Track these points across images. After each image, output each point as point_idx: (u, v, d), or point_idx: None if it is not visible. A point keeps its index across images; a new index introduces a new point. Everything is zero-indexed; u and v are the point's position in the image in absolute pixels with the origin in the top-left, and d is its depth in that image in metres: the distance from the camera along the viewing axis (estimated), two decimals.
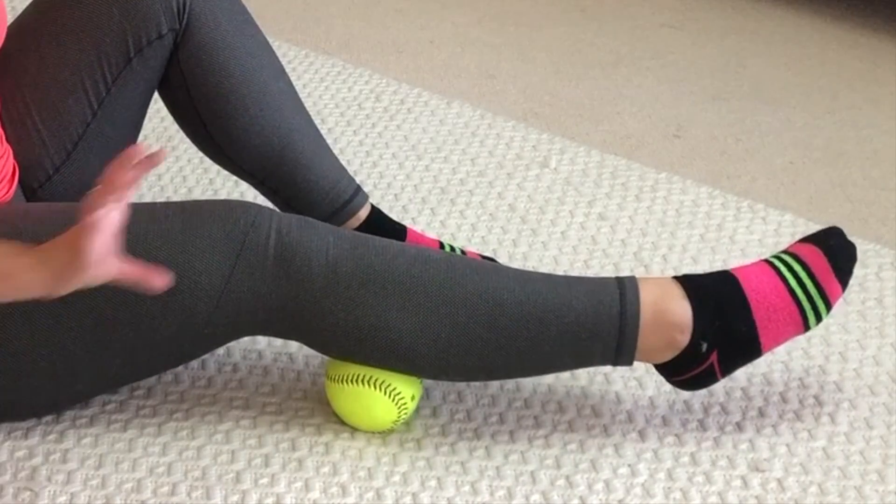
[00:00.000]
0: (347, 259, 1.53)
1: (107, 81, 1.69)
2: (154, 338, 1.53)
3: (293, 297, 1.52)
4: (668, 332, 1.56)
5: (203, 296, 1.50)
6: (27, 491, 1.53)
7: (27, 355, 1.53)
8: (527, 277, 1.56)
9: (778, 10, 3.01)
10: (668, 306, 1.56)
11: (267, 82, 1.75)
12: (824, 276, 1.60)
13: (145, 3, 1.68)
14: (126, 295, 1.49)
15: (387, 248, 1.55)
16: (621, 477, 1.57)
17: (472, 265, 1.56)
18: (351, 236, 1.55)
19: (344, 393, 1.60)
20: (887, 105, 2.56)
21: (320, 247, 1.52)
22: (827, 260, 1.60)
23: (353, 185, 1.83)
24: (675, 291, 1.57)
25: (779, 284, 1.58)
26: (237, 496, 1.53)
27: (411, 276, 1.53)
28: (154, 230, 1.50)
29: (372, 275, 1.53)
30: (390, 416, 1.60)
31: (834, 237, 1.64)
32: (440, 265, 1.55)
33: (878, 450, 1.63)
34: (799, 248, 1.64)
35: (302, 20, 2.88)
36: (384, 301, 1.53)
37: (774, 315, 1.58)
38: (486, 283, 1.54)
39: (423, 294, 1.53)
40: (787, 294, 1.58)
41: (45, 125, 1.68)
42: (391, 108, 2.46)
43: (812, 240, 1.64)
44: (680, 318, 1.56)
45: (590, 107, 2.53)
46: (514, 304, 1.54)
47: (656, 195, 2.20)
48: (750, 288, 1.58)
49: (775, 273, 1.59)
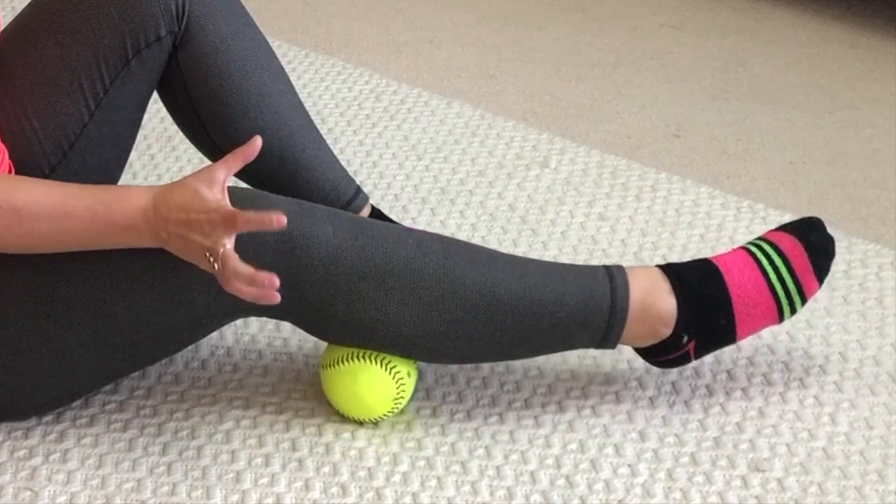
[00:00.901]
0: (348, 250, 1.54)
1: (104, 83, 1.69)
2: (154, 330, 1.54)
3: (293, 286, 1.52)
4: (652, 325, 1.63)
5: (203, 287, 1.51)
6: (27, 491, 1.53)
7: (28, 353, 1.53)
8: (523, 270, 1.59)
9: (778, 10, 3.01)
10: (654, 300, 1.62)
11: (267, 84, 1.75)
12: (803, 271, 1.66)
13: (144, 5, 1.68)
14: (125, 290, 1.50)
15: (386, 238, 1.56)
16: (621, 477, 1.57)
17: (469, 256, 1.58)
18: (350, 225, 1.56)
19: (340, 374, 1.60)
20: (887, 105, 2.56)
21: (320, 237, 1.53)
22: (807, 256, 1.66)
23: (353, 186, 1.83)
24: (662, 285, 1.63)
25: (759, 278, 1.65)
26: (237, 496, 1.53)
27: (411, 269, 1.55)
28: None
29: (372, 268, 1.54)
30: (389, 393, 1.60)
31: (814, 231, 1.69)
32: (439, 258, 1.57)
33: (878, 450, 1.63)
34: (780, 239, 1.68)
35: (302, 20, 2.88)
36: (384, 295, 1.55)
37: (753, 309, 1.65)
38: (484, 277, 1.57)
39: (422, 288, 1.56)
40: (766, 288, 1.65)
41: (40, 125, 1.68)
42: (391, 108, 2.47)
43: (793, 230, 1.69)
44: (665, 313, 1.63)
45: (590, 107, 2.53)
46: (510, 300, 1.58)
47: (656, 195, 2.20)
48: (732, 282, 1.64)
49: (756, 265, 1.65)
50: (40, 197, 1.46)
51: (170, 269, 1.50)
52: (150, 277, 1.51)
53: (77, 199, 1.46)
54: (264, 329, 1.81)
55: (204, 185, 1.44)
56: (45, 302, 1.52)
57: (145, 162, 2.24)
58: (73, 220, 1.46)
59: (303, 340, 1.79)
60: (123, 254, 1.50)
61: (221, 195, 1.44)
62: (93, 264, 1.51)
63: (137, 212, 1.45)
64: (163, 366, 1.73)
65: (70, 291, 1.52)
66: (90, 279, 1.52)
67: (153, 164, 2.24)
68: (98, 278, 1.52)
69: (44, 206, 1.45)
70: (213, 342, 1.78)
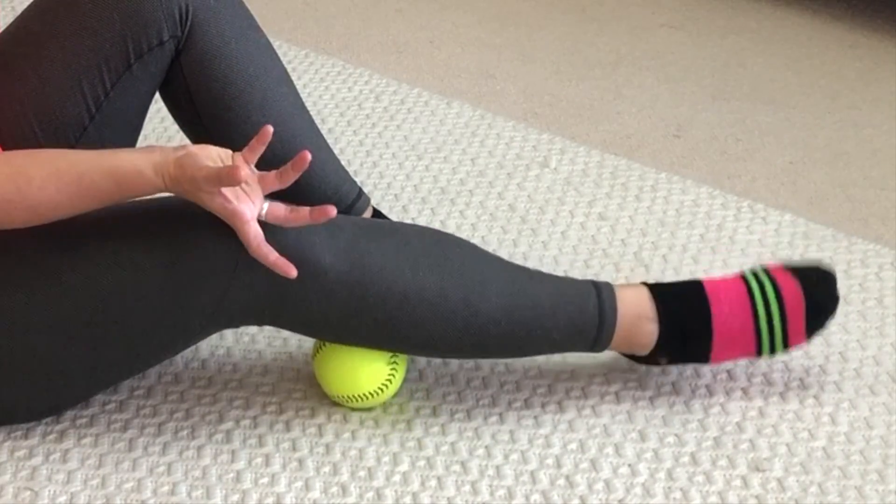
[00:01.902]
0: (342, 286, 1.54)
1: (105, 86, 1.69)
2: (151, 339, 1.53)
3: (284, 308, 1.53)
4: (631, 347, 1.68)
5: (204, 294, 1.51)
6: (27, 491, 1.53)
7: (26, 356, 1.53)
8: (513, 305, 1.60)
9: (778, 10, 3.01)
10: (639, 329, 1.65)
11: (270, 88, 1.75)
12: (794, 322, 1.66)
13: (146, 9, 1.68)
14: (119, 300, 1.50)
15: (384, 267, 1.56)
16: (621, 477, 1.57)
17: (460, 280, 1.59)
18: (348, 250, 1.54)
19: (331, 354, 1.61)
20: (887, 105, 2.56)
21: (317, 268, 1.53)
22: (804, 309, 1.66)
23: (355, 189, 1.83)
24: (647, 313, 1.65)
25: (747, 314, 1.65)
26: (237, 496, 1.53)
27: (403, 310, 1.56)
28: (154, 230, 1.51)
29: (364, 307, 1.55)
30: (382, 371, 1.61)
31: (822, 286, 1.67)
32: (433, 297, 1.57)
33: (878, 450, 1.63)
34: (784, 282, 1.66)
35: (302, 20, 2.88)
36: (375, 330, 1.57)
37: (732, 343, 1.66)
38: (475, 319, 1.59)
39: (413, 327, 1.58)
40: (751, 328, 1.65)
41: (40, 127, 1.67)
42: (391, 108, 2.47)
43: (801, 277, 1.67)
44: (647, 340, 1.66)
45: (590, 107, 2.53)
46: (498, 336, 1.60)
47: (656, 195, 2.20)
48: (718, 310, 1.65)
49: (749, 302, 1.65)
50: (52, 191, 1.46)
51: (169, 272, 1.50)
52: (149, 281, 1.50)
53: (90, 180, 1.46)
54: (264, 329, 1.81)
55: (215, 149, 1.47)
56: (43, 302, 1.52)
57: None
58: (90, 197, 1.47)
59: (303, 340, 1.79)
60: (121, 251, 1.50)
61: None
62: (89, 262, 1.51)
63: (152, 189, 1.46)
64: (163, 366, 1.73)
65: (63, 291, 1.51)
66: (88, 281, 1.51)
67: None
68: (94, 277, 1.51)
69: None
70: (213, 342, 1.78)
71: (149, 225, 1.52)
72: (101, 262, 1.50)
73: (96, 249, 1.51)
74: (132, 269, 1.50)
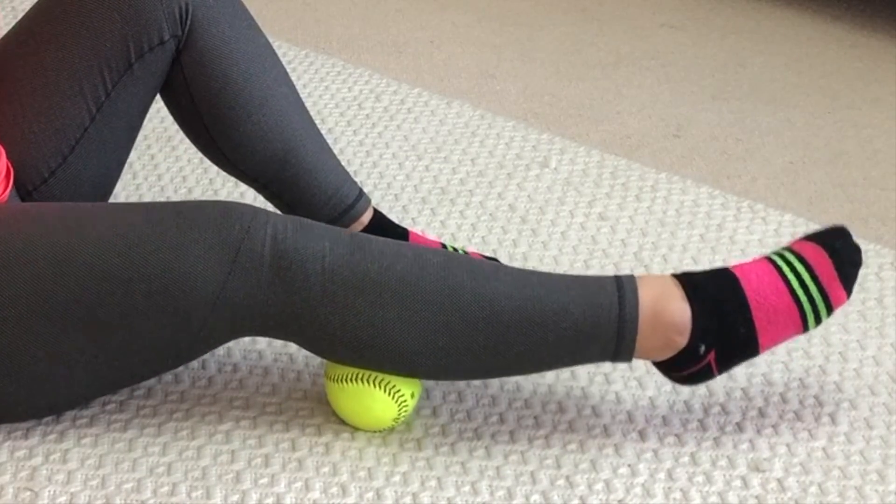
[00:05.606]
0: (344, 266, 1.52)
1: (106, 86, 1.69)
2: (150, 342, 1.53)
3: (289, 304, 1.52)
4: (666, 334, 1.56)
5: (198, 301, 1.50)
6: (27, 491, 1.53)
7: (23, 358, 1.52)
8: (524, 281, 1.55)
9: (778, 10, 3.01)
10: (666, 307, 1.55)
11: (270, 88, 1.75)
12: (829, 281, 1.58)
13: (147, 9, 1.68)
14: (121, 299, 1.49)
15: (384, 252, 1.54)
16: (621, 477, 1.57)
17: (469, 269, 1.55)
18: (348, 240, 1.54)
19: (344, 392, 1.60)
20: (887, 105, 2.57)
21: (317, 253, 1.52)
22: (833, 264, 1.59)
23: (355, 189, 1.83)
24: (674, 292, 1.56)
25: (780, 285, 1.57)
26: (237, 496, 1.53)
27: (407, 283, 1.52)
28: (149, 233, 1.50)
29: (368, 283, 1.52)
30: (390, 414, 1.60)
31: (840, 239, 1.61)
32: (437, 271, 1.54)
33: (878, 450, 1.63)
34: (803, 248, 1.61)
35: (302, 20, 2.88)
36: (381, 311, 1.52)
37: (774, 316, 1.57)
38: (483, 290, 1.53)
39: (420, 302, 1.53)
40: (788, 295, 1.57)
41: (40, 128, 1.67)
42: (391, 108, 2.47)
43: (817, 240, 1.61)
44: (679, 320, 1.56)
45: (590, 107, 2.53)
46: (511, 311, 1.53)
47: (656, 195, 2.20)
48: (750, 288, 1.57)
49: (777, 272, 1.58)
50: None
51: (169, 278, 1.50)
52: (147, 286, 1.50)
53: None
54: None
55: None
56: (42, 304, 1.51)
57: (145, 162, 2.24)
58: None
59: None
60: (123, 258, 1.50)
61: None
62: (90, 268, 1.51)
63: None
64: None
65: (67, 295, 1.51)
66: (87, 283, 1.51)
67: (153, 164, 2.24)
68: (95, 282, 1.51)
69: None
70: None
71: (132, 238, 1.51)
72: (88, 277, 1.50)
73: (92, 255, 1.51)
74: (119, 284, 1.49)
